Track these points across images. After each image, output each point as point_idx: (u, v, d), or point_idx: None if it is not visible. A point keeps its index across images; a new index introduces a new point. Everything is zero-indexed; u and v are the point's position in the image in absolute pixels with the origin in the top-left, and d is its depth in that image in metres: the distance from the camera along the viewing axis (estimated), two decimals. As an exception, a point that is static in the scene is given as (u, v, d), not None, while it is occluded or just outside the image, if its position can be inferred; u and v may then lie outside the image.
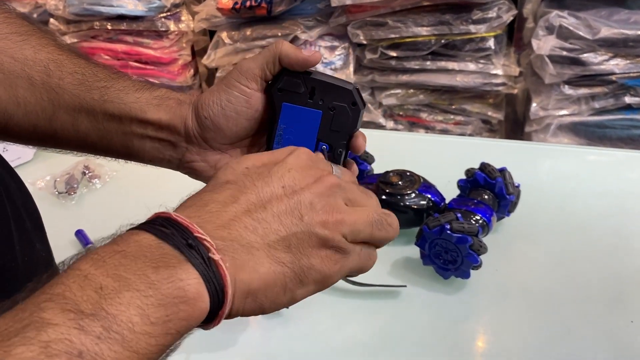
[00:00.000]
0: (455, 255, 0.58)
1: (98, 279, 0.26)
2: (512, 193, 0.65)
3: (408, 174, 0.67)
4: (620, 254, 0.65)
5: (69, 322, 0.24)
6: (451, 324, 0.57)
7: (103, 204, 0.80)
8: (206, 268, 0.28)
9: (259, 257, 0.30)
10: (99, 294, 0.25)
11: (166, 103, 0.43)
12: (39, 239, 0.41)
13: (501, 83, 1.40)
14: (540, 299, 0.60)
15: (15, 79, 0.41)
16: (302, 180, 0.33)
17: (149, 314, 0.26)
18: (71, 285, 0.25)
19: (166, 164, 0.45)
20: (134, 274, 0.26)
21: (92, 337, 0.24)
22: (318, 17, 1.48)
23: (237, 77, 0.42)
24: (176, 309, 0.27)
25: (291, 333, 0.57)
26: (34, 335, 0.23)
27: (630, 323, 0.56)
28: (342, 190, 0.35)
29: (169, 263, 0.27)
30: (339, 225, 0.33)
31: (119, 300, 0.25)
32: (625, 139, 1.33)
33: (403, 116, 1.52)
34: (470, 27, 1.33)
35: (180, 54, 1.68)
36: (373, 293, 0.61)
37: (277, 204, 0.32)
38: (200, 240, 0.28)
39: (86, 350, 0.24)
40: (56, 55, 0.43)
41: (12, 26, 0.42)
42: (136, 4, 1.58)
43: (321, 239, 0.33)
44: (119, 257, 0.27)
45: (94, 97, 0.42)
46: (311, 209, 0.33)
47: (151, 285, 0.26)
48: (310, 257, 0.32)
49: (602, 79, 1.28)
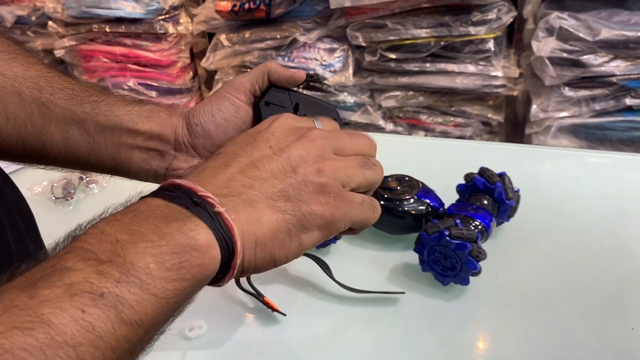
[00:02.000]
0: (454, 261, 0.58)
1: (114, 234, 0.28)
2: (511, 198, 0.65)
3: (407, 178, 0.66)
4: (621, 258, 0.64)
5: (89, 268, 0.26)
6: (450, 331, 0.57)
7: (100, 209, 0.80)
8: (213, 221, 0.30)
9: (260, 209, 0.33)
10: (115, 245, 0.27)
11: (157, 115, 0.45)
12: (32, 240, 0.42)
13: (501, 85, 1.40)
14: (540, 304, 0.59)
15: (5, 94, 0.42)
16: (287, 139, 0.36)
17: (164, 261, 0.28)
18: (89, 240, 0.27)
19: (151, 176, 0.46)
20: (146, 228, 0.28)
21: (111, 280, 0.26)
22: (317, 20, 1.47)
23: (228, 90, 0.45)
24: (189, 256, 0.29)
25: (290, 339, 0.57)
26: (58, 279, 0.25)
27: (631, 330, 0.55)
28: (328, 139, 0.37)
29: (178, 217, 0.29)
30: (331, 172, 0.36)
31: (135, 250, 0.27)
32: (626, 141, 1.32)
33: (402, 118, 1.52)
34: (470, 28, 1.32)
35: (179, 57, 1.68)
36: (372, 300, 0.60)
37: (268, 163, 0.34)
38: (204, 198, 0.31)
39: (107, 292, 0.25)
40: (45, 73, 0.44)
41: (0, 46, 0.44)
42: (134, 7, 1.58)
43: (317, 185, 0.35)
44: (132, 215, 0.29)
45: (86, 110, 0.44)
46: (302, 161, 0.35)
47: (163, 236, 0.28)
48: (311, 204, 0.34)
49: (602, 80, 1.27)
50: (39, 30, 1.77)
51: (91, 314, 0.24)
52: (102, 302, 0.25)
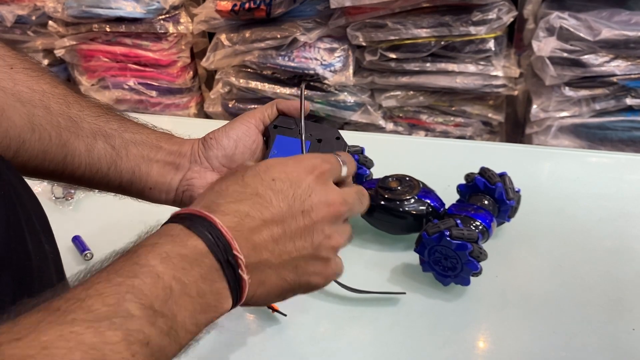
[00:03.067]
0: (454, 262, 0.58)
1: (167, 280, 0.31)
2: (512, 198, 0.64)
3: (407, 179, 0.66)
4: (621, 259, 0.64)
5: (146, 317, 0.29)
6: (451, 331, 0.57)
7: (100, 209, 0.80)
8: (235, 282, 0.34)
9: (269, 275, 0.37)
10: (167, 295, 0.31)
11: (176, 137, 0.51)
12: (47, 240, 0.43)
13: (501, 84, 1.39)
14: (541, 305, 0.59)
15: (32, 107, 0.45)
16: (319, 210, 0.39)
17: (196, 320, 0.33)
18: (146, 281, 0.31)
19: (165, 189, 0.50)
20: (190, 281, 0.32)
21: (158, 331, 0.30)
22: (317, 19, 1.47)
23: (240, 117, 0.51)
24: (211, 315, 0.34)
25: (290, 339, 0.57)
26: (121, 324, 0.28)
27: (632, 331, 0.55)
28: (346, 212, 0.41)
29: (214, 277, 0.34)
30: (338, 246, 0.40)
31: (180, 303, 0.31)
32: (626, 141, 1.32)
33: (403, 118, 1.52)
34: (470, 28, 1.32)
35: (179, 56, 1.68)
36: (372, 300, 0.60)
37: (295, 226, 0.37)
38: (236, 259, 0.34)
39: (152, 341, 0.30)
40: (71, 92, 0.48)
41: (26, 63, 0.47)
42: (135, 6, 1.57)
43: (321, 259, 0.39)
44: (180, 259, 0.32)
45: (113, 127, 0.48)
46: (320, 233, 0.39)
47: (202, 295, 0.33)
48: (311, 276, 0.39)
49: (603, 80, 1.27)
50: (39, 30, 1.77)
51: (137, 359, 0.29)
52: (147, 349, 0.29)
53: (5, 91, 0.44)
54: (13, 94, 0.44)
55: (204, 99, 1.76)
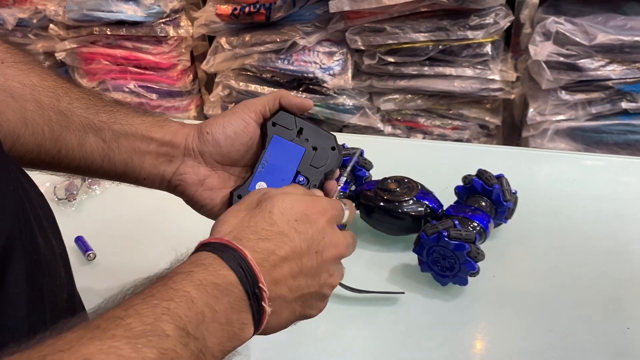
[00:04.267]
0: (452, 262, 0.59)
1: (200, 306, 0.33)
2: (509, 200, 0.65)
3: (406, 180, 0.67)
4: (617, 259, 0.65)
5: (179, 337, 0.31)
6: (449, 330, 0.58)
7: (103, 210, 0.81)
8: (258, 313, 0.37)
9: (284, 309, 0.40)
10: (199, 320, 0.33)
11: (169, 124, 0.49)
12: (54, 236, 0.44)
13: (498, 88, 1.41)
14: (538, 304, 0.60)
15: (24, 102, 0.44)
16: (329, 251, 0.42)
17: (223, 347, 0.35)
18: (181, 305, 0.33)
19: (158, 181, 0.49)
20: (220, 309, 0.34)
21: (189, 353, 0.31)
22: (316, 23, 1.48)
23: (241, 107, 0.49)
24: (235, 343, 0.36)
25: (289, 339, 0.57)
26: (157, 342, 0.30)
27: (627, 330, 0.56)
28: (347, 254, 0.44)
29: (241, 307, 0.36)
30: (335, 286, 0.44)
31: (210, 329, 0.33)
32: (622, 144, 1.33)
33: (401, 121, 1.53)
34: (468, 33, 1.34)
35: (180, 59, 1.69)
36: (371, 300, 0.61)
37: (309, 264, 0.40)
38: (261, 292, 0.37)
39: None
40: (62, 83, 0.47)
41: (16, 56, 0.46)
42: (135, 10, 1.58)
43: (323, 295, 0.43)
44: (213, 288, 0.35)
45: (102, 119, 0.47)
46: (326, 272, 0.42)
47: (230, 324, 0.35)
48: (313, 309, 0.42)
49: (598, 84, 1.29)
50: (40, 33, 1.77)
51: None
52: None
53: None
54: (5, 89, 0.44)
55: (204, 102, 1.77)
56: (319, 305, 0.43)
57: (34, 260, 0.37)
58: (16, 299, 0.34)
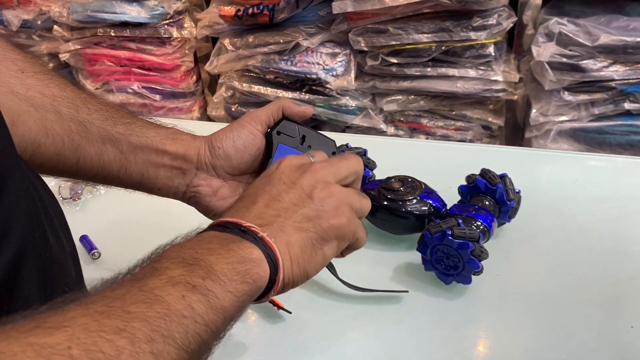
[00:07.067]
0: (456, 260, 0.59)
1: (192, 248, 0.35)
2: (512, 199, 0.66)
3: (409, 179, 0.67)
4: (620, 259, 0.65)
5: (181, 268, 0.33)
6: (453, 329, 0.58)
7: (107, 209, 0.81)
8: (258, 243, 0.37)
9: (288, 232, 0.40)
10: (196, 255, 0.34)
11: (181, 137, 0.51)
12: (64, 235, 0.45)
13: (501, 89, 1.41)
14: (541, 304, 0.60)
15: (45, 112, 0.46)
16: (295, 174, 0.43)
17: (234, 267, 0.35)
18: (172, 254, 0.35)
19: (172, 192, 0.52)
20: (214, 246, 0.36)
21: (199, 277, 0.33)
22: (320, 24, 1.49)
23: (248, 120, 0.52)
24: (250, 265, 0.36)
25: (295, 336, 0.58)
26: (161, 274, 0.32)
27: (631, 328, 0.56)
28: (326, 168, 0.45)
29: (234, 240, 0.37)
30: (339, 193, 0.44)
31: (211, 259, 0.35)
32: (625, 145, 1.33)
33: (404, 122, 1.53)
34: (471, 34, 1.34)
35: (183, 61, 1.69)
36: (375, 298, 0.61)
37: (286, 195, 0.42)
38: (248, 227, 0.38)
39: (198, 284, 0.33)
40: (79, 94, 0.49)
41: (36, 67, 0.48)
42: (139, 11, 1.59)
43: (331, 203, 0.42)
44: (197, 240, 0.37)
45: (120, 130, 0.49)
46: (313, 188, 0.42)
47: (229, 251, 0.36)
48: (329, 219, 0.42)
49: (601, 85, 1.29)
50: (44, 34, 1.78)
51: (190, 298, 0.32)
52: (196, 291, 0.32)
53: (18, 96, 0.45)
54: (26, 99, 0.45)
55: (207, 103, 1.77)
56: (329, 210, 0.42)
57: (46, 258, 0.38)
58: (31, 296, 0.35)
